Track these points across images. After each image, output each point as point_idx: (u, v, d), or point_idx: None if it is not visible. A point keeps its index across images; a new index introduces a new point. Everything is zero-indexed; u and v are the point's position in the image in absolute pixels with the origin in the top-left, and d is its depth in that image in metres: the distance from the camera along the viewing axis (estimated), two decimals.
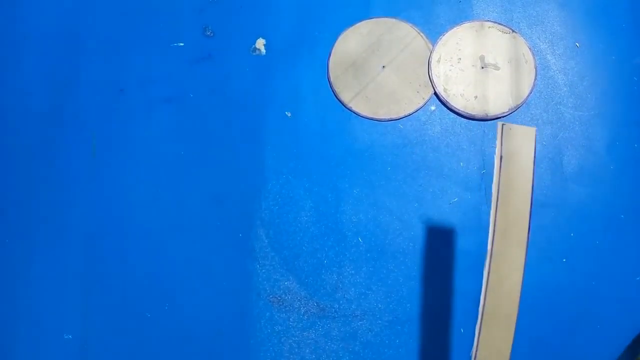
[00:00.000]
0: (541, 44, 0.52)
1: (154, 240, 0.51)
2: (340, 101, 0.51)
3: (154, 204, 0.51)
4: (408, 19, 0.52)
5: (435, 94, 0.51)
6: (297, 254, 0.53)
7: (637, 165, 0.50)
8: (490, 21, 0.53)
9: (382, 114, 0.51)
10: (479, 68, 0.51)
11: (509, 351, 0.31)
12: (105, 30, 0.54)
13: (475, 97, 0.51)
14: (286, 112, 0.51)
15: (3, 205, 0.51)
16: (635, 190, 0.49)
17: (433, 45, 0.51)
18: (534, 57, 0.51)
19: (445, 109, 0.51)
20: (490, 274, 0.30)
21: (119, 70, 0.53)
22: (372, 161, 0.51)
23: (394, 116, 0.51)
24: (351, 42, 0.53)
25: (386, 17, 0.53)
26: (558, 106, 0.51)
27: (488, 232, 0.49)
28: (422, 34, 0.52)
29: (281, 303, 0.47)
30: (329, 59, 0.52)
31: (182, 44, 0.53)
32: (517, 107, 0.51)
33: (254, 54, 0.53)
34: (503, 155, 0.31)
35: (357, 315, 0.47)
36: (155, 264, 0.50)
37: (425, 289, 0.48)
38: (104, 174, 0.51)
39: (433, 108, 0.51)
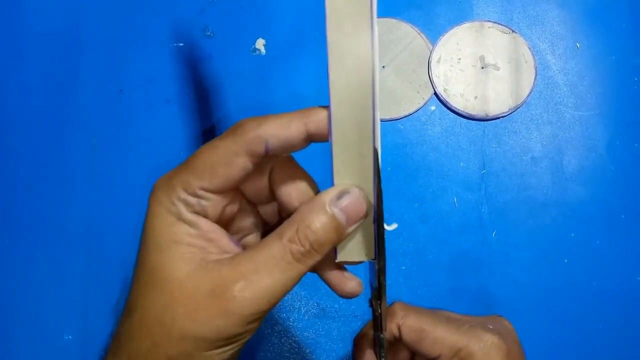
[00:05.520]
0: (541, 44, 0.52)
1: None
2: None
3: None
4: (408, 19, 0.52)
5: (435, 94, 0.51)
6: None
7: (637, 165, 0.50)
8: (490, 21, 0.53)
9: (382, 114, 0.51)
10: (479, 68, 0.51)
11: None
12: (104, 30, 0.53)
13: (475, 97, 0.51)
14: None
15: (3, 205, 0.51)
16: (635, 190, 0.49)
17: (433, 46, 0.51)
18: (534, 57, 0.51)
19: (445, 109, 0.51)
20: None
21: (119, 70, 0.53)
22: None
23: (394, 116, 0.51)
24: None
25: (386, 17, 0.53)
26: (558, 106, 0.51)
27: (488, 231, 0.49)
28: (422, 34, 0.52)
29: (281, 303, 0.47)
30: None
31: (181, 44, 0.53)
32: (517, 107, 0.51)
33: (254, 54, 0.53)
34: None
35: (357, 316, 0.47)
36: None
37: (425, 289, 0.48)
38: (104, 173, 0.51)
39: (433, 108, 0.51)
